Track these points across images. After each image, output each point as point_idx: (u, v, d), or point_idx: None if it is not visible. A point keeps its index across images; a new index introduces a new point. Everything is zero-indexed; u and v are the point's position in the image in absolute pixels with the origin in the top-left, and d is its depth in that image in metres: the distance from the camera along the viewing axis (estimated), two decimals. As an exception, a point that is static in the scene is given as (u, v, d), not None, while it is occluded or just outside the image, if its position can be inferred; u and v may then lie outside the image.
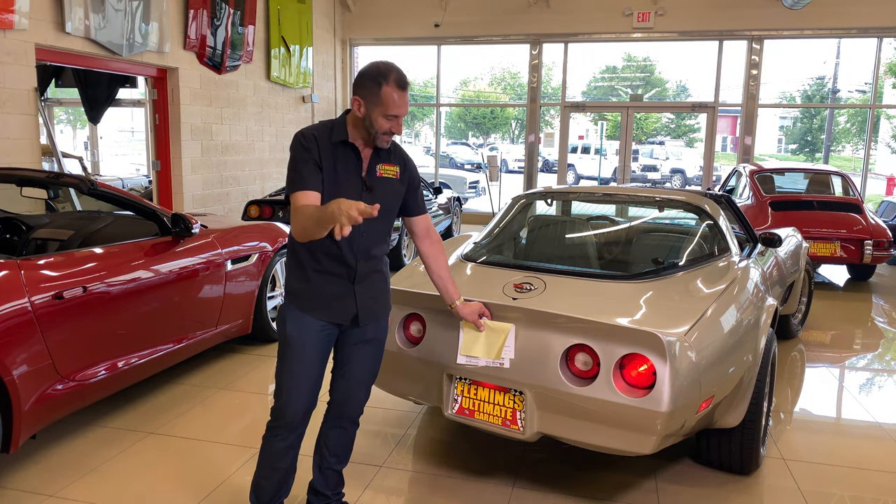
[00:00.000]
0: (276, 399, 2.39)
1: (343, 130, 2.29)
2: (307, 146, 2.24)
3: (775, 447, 3.39)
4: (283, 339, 2.35)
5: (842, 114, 22.26)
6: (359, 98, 2.23)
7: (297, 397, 2.36)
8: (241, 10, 8.84)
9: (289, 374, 2.34)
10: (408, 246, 7.78)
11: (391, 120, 2.24)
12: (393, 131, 2.28)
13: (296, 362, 2.34)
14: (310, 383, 2.37)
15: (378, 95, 2.20)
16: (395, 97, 2.20)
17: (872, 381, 4.50)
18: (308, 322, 2.32)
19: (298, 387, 2.35)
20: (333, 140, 2.27)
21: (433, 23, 11.97)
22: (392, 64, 2.26)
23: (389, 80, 2.19)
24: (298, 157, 2.25)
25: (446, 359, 2.78)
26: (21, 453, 3.14)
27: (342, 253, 2.31)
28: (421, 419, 3.62)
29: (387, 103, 2.20)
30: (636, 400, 2.41)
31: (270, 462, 2.44)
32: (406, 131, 28.25)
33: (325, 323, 2.34)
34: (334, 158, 2.27)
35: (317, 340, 2.34)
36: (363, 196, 2.31)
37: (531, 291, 2.95)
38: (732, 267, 3.25)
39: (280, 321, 2.38)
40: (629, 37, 11.63)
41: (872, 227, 6.90)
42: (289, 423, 2.38)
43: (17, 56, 5.80)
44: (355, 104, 2.24)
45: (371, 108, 2.22)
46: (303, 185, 2.20)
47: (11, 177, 3.66)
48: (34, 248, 3.97)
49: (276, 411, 2.39)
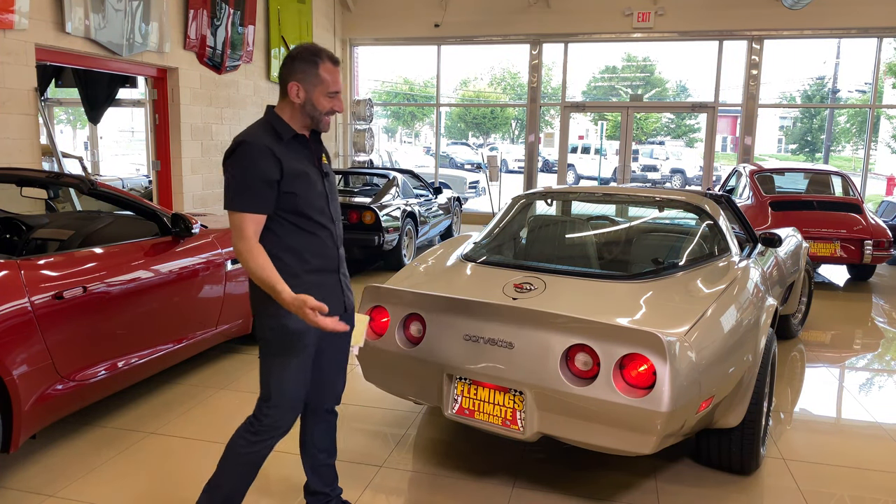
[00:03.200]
0: (274, 407, 2.28)
1: (286, 126, 2.24)
2: (261, 160, 2.15)
3: (775, 447, 3.39)
4: (285, 347, 2.25)
5: (842, 114, 22.26)
6: (296, 83, 2.20)
7: (298, 403, 2.33)
8: (241, 10, 8.84)
9: (292, 382, 2.27)
10: (407, 246, 7.78)
11: (333, 98, 2.23)
12: (335, 109, 2.27)
13: (295, 375, 2.28)
14: (307, 387, 2.35)
15: (317, 75, 2.19)
16: (335, 74, 2.22)
17: (872, 381, 4.50)
18: (308, 328, 2.25)
19: (300, 393, 2.32)
20: (285, 139, 2.22)
21: (433, 23, 11.97)
22: (315, 44, 2.26)
23: (324, 58, 2.20)
24: (252, 171, 2.14)
25: (446, 359, 2.78)
26: (21, 453, 3.14)
27: (328, 246, 2.31)
28: (421, 419, 3.62)
29: (329, 80, 2.20)
30: (636, 400, 2.41)
31: (251, 469, 2.33)
32: (406, 131, 28.28)
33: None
34: (293, 157, 2.22)
35: (313, 342, 2.31)
36: (325, 183, 2.32)
37: (531, 291, 2.95)
38: (732, 267, 3.25)
39: (278, 330, 2.24)
40: (629, 37, 11.63)
41: (872, 227, 6.90)
42: (287, 429, 2.33)
43: (17, 56, 5.80)
44: (293, 90, 2.20)
45: (311, 90, 2.20)
46: (253, 207, 2.14)
47: (11, 177, 3.66)
48: (34, 248, 3.96)
49: (273, 418, 2.28)
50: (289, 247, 2.23)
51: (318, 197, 2.29)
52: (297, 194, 2.21)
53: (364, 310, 3.08)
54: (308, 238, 2.26)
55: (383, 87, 19.99)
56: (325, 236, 2.30)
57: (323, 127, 2.29)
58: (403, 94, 23.24)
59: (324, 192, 2.32)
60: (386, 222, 7.10)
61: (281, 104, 2.27)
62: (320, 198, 2.29)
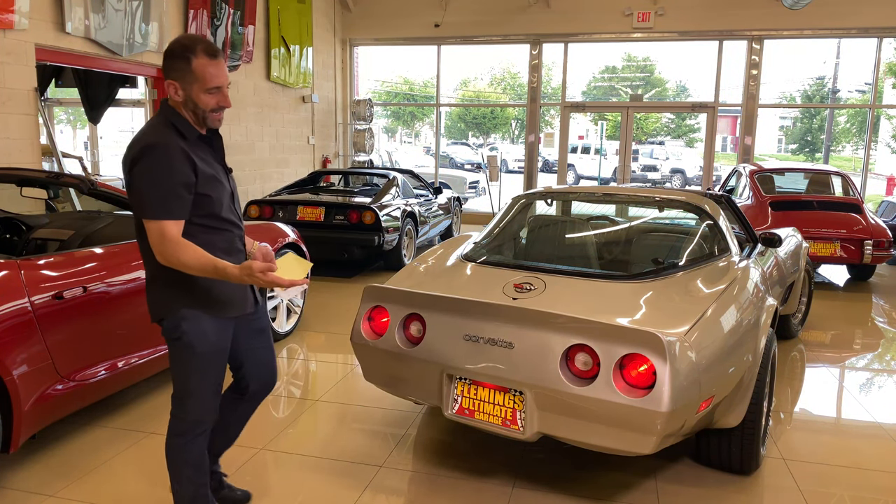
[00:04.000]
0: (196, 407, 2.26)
1: (189, 126, 2.14)
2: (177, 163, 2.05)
3: (775, 447, 3.39)
4: (196, 354, 2.21)
5: (842, 114, 22.27)
6: (173, 82, 2.09)
7: (217, 397, 2.32)
8: (241, 10, 8.84)
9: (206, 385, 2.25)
10: (407, 246, 7.78)
11: (214, 93, 2.11)
12: (221, 105, 2.14)
13: (213, 373, 2.26)
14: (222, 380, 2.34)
15: (192, 72, 2.07)
16: (211, 68, 2.07)
17: (872, 381, 4.50)
18: (220, 327, 2.24)
19: (217, 390, 2.31)
20: (191, 138, 2.14)
21: (433, 23, 11.97)
22: (195, 35, 2.14)
23: (197, 52, 2.06)
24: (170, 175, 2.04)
25: (446, 359, 2.78)
26: (21, 453, 3.14)
27: (237, 244, 2.30)
28: (421, 419, 3.62)
29: (206, 75, 2.07)
30: (636, 400, 2.41)
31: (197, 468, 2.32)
32: (406, 131, 28.28)
33: (232, 320, 2.31)
34: (203, 157, 2.16)
35: (227, 340, 2.30)
36: (229, 181, 2.29)
37: (531, 291, 2.95)
38: (732, 267, 3.25)
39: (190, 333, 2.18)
40: (629, 37, 11.63)
41: (872, 227, 6.90)
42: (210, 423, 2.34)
43: (17, 56, 5.80)
44: (171, 89, 2.09)
45: (189, 88, 2.09)
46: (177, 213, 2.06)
47: (11, 177, 3.66)
48: (34, 248, 3.96)
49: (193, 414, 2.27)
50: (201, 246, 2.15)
51: (227, 197, 2.24)
52: (211, 196, 2.15)
53: (364, 310, 3.08)
54: (217, 236, 2.22)
55: (383, 87, 20.00)
56: (235, 234, 2.29)
57: (211, 124, 2.18)
58: (403, 94, 23.26)
59: (230, 190, 2.28)
60: (386, 222, 7.10)
61: (171, 101, 2.16)
62: (228, 197, 2.25)
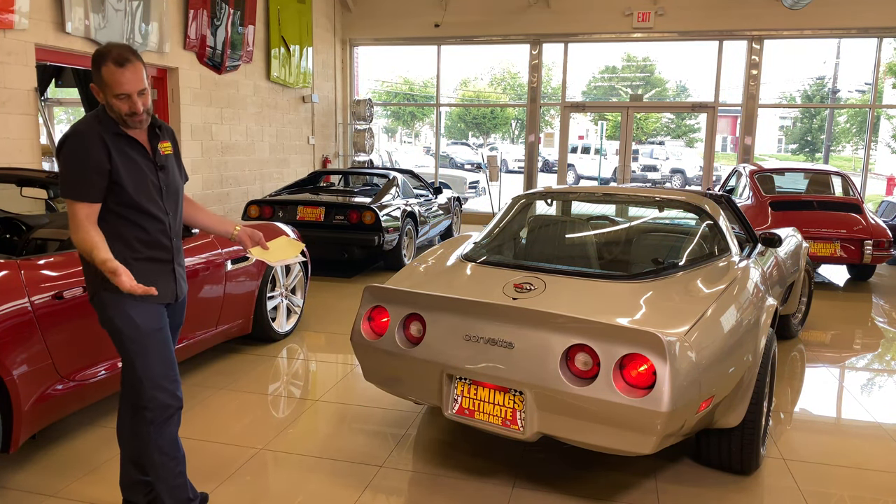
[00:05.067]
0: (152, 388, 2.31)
1: (110, 122, 2.27)
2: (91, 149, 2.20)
3: (775, 447, 3.39)
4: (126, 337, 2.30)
5: (842, 114, 22.28)
6: (94, 86, 2.23)
7: (174, 374, 2.38)
8: (241, 10, 8.84)
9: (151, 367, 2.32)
10: (407, 246, 7.78)
11: (123, 99, 2.20)
12: (133, 111, 2.23)
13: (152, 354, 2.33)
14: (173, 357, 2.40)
15: (102, 79, 2.19)
16: (117, 76, 2.16)
17: (872, 381, 4.50)
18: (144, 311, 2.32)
19: (173, 365, 2.37)
20: (112, 132, 2.26)
21: (433, 23, 11.96)
22: (115, 43, 2.24)
23: (107, 61, 2.17)
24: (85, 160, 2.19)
25: (446, 359, 2.78)
26: (21, 453, 3.14)
27: (159, 237, 2.38)
28: (421, 419, 3.62)
29: (113, 82, 2.17)
30: (636, 400, 2.41)
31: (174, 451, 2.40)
32: (406, 131, 28.28)
33: (156, 306, 2.37)
34: (122, 150, 2.27)
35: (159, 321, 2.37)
36: (159, 176, 2.36)
37: (531, 291, 2.95)
38: (732, 267, 3.25)
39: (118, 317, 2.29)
40: (629, 37, 11.63)
41: (872, 227, 6.90)
42: (179, 403, 2.40)
43: (17, 56, 5.80)
44: (95, 91, 2.24)
45: (106, 94, 2.21)
46: (88, 196, 2.21)
47: (11, 177, 3.66)
48: (34, 248, 3.96)
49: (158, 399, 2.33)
50: (119, 235, 2.29)
51: (150, 189, 2.33)
52: (123, 186, 2.25)
53: (364, 310, 3.08)
54: (137, 229, 2.32)
55: (383, 87, 20.00)
56: (157, 228, 2.37)
57: (133, 125, 2.27)
58: (403, 94, 23.26)
59: (157, 184, 2.36)
60: (386, 222, 7.10)
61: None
62: (153, 190, 2.34)
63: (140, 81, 2.22)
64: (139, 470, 2.54)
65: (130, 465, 2.54)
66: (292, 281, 5.09)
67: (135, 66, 2.20)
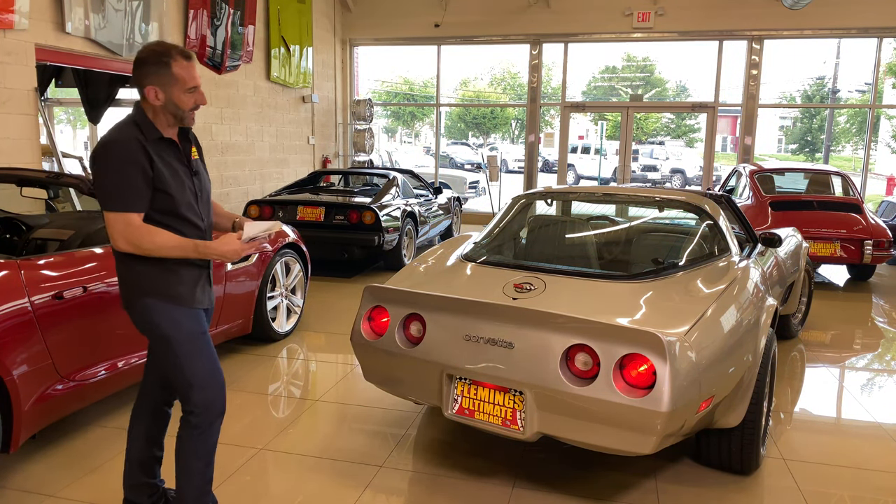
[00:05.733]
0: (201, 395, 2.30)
1: (153, 127, 2.25)
2: (136, 157, 2.17)
3: (775, 447, 3.39)
4: (175, 342, 2.28)
5: (842, 114, 22.27)
6: (153, 87, 2.21)
7: (221, 378, 2.37)
8: (241, 10, 8.84)
9: (200, 371, 2.31)
10: (407, 246, 7.78)
11: (193, 92, 2.25)
12: (200, 102, 2.29)
13: (201, 359, 2.32)
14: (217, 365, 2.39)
15: (172, 74, 2.20)
16: (189, 70, 2.23)
17: (872, 381, 4.50)
18: (190, 316, 2.32)
19: (215, 375, 2.35)
20: (152, 138, 2.24)
21: (433, 23, 11.96)
22: (165, 41, 2.29)
23: (175, 57, 2.20)
24: (129, 169, 2.16)
25: (446, 359, 2.77)
26: (21, 453, 3.14)
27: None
28: (421, 419, 3.62)
29: (184, 76, 2.22)
30: (636, 400, 2.41)
31: (209, 459, 2.37)
32: (406, 131, 28.29)
33: (199, 311, 2.38)
34: (162, 156, 2.26)
35: (202, 324, 2.37)
36: (194, 182, 2.37)
37: (531, 291, 2.95)
38: (732, 267, 3.25)
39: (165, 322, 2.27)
40: (629, 37, 11.63)
41: (872, 227, 6.90)
42: (223, 407, 2.38)
43: (17, 56, 5.80)
44: (151, 94, 2.21)
45: (170, 91, 2.21)
46: (136, 206, 2.18)
47: (11, 177, 3.66)
48: (34, 248, 3.96)
49: (205, 404, 2.31)
50: None
51: (188, 196, 2.33)
52: (167, 193, 2.25)
53: (364, 310, 3.08)
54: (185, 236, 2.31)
55: (383, 87, 20.00)
56: (195, 234, 2.36)
57: (189, 122, 2.32)
58: (403, 94, 23.26)
59: (193, 190, 2.36)
60: (386, 222, 7.10)
61: (143, 103, 2.27)
62: (190, 196, 2.34)
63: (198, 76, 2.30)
64: (145, 472, 2.54)
65: (137, 467, 2.53)
66: (292, 281, 5.09)
67: (194, 61, 2.28)
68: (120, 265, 2.32)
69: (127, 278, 2.31)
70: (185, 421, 2.34)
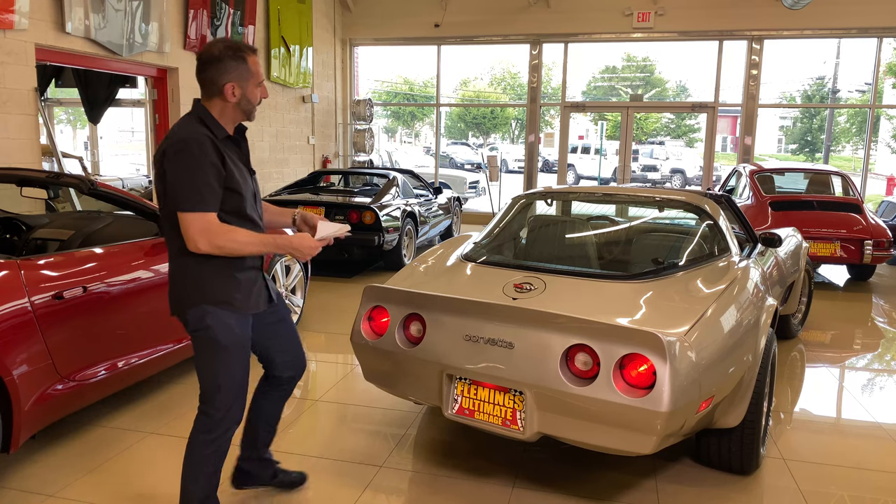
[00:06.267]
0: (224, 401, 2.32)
1: (220, 126, 2.26)
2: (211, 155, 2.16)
3: (775, 447, 3.39)
4: (221, 347, 2.28)
5: (842, 114, 22.27)
6: (232, 83, 2.23)
7: (244, 390, 2.39)
8: (241, 10, 8.84)
9: (234, 378, 2.32)
10: (407, 246, 7.78)
11: (261, 86, 2.33)
12: (264, 96, 2.36)
13: (238, 366, 2.34)
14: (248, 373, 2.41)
15: (249, 69, 2.26)
16: (259, 66, 2.31)
17: (872, 381, 4.50)
18: (241, 322, 2.32)
19: (244, 385, 2.38)
20: (221, 137, 2.25)
21: (433, 23, 11.96)
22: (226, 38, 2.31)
23: (248, 51, 2.27)
24: (206, 167, 2.14)
25: (446, 359, 2.78)
26: (21, 453, 3.14)
27: None
28: (421, 419, 3.62)
29: (258, 71, 2.29)
30: (636, 400, 2.41)
31: (216, 468, 2.37)
32: (406, 131, 28.29)
33: (250, 316, 2.38)
34: (230, 155, 2.27)
35: (248, 334, 2.39)
36: (252, 181, 2.39)
37: (531, 291, 2.95)
38: (732, 267, 3.25)
39: (218, 326, 2.26)
40: (629, 37, 11.63)
41: (872, 227, 6.90)
42: (240, 418, 2.40)
43: (17, 56, 5.80)
44: (230, 90, 2.23)
45: (246, 86, 2.26)
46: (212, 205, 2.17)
47: (11, 177, 3.66)
48: (34, 248, 3.96)
49: (223, 410, 2.32)
50: None
51: (250, 195, 2.35)
52: (237, 192, 2.26)
53: (364, 310, 3.08)
54: None
55: (383, 87, 20.00)
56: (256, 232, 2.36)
57: (254, 117, 2.37)
58: (403, 94, 23.26)
59: (252, 189, 2.39)
60: (386, 222, 7.10)
61: (209, 103, 2.27)
62: (250, 195, 2.36)
63: None
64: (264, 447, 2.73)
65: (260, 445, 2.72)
66: (292, 281, 5.09)
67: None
68: (176, 269, 2.29)
69: (183, 282, 2.27)
70: (200, 422, 2.34)
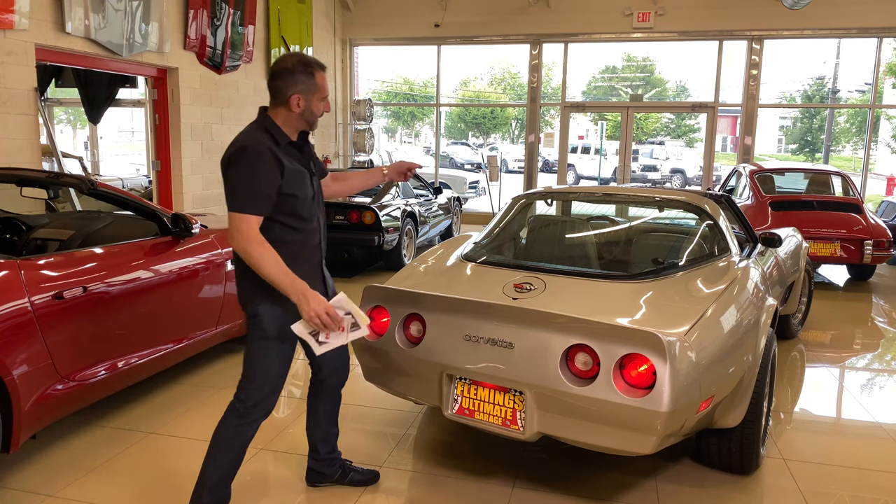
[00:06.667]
0: (256, 392, 2.43)
1: (282, 133, 2.41)
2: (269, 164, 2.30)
3: (775, 447, 3.39)
4: (266, 336, 2.42)
5: (842, 114, 22.27)
6: (298, 94, 2.37)
7: (279, 385, 2.49)
8: (241, 10, 8.84)
9: (269, 370, 2.44)
10: (407, 246, 7.78)
11: (325, 100, 2.47)
12: (325, 111, 2.50)
13: (277, 359, 2.45)
14: (287, 370, 2.52)
15: (316, 84, 2.40)
16: (326, 81, 2.45)
17: (872, 381, 4.50)
18: (290, 319, 2.39)
19: (282, 375, 2.48)
20: (282, 145, 2.39)
21: (433, 23, 11.96)
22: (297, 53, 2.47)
23: (317, 68, 2.41)
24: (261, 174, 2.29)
25: (446, 359, 2.78)
26: (21, 453, 3.14)
27: (314, 242, 2.52)
28: (421, 419, 3.62)
29: (324, 86, 2.43)
30: (636, 400, 2.41)
31: (238, 453, 2.48)
32: (406, 131, 28.29)
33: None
34: (291, 160, 2.41)
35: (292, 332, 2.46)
36: (314, 183, 2.54)
37: (531, 291, 2.95)
38: (732, 267, 3.25)
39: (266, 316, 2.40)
40: (629, 37, 11.63)
41: (872, 227, 6.90)
42: (269, 410, 2.49)
43: (17, 56, 5.80)
44: (295, 101, 2.37)
45: (311, 99, 2.40)
46: (260, 209, 2.31)
47: (11, 177, 3.66)
48: (34, 248, 3.96)
49: (256, 399, 2.43)
50: (283, 243, 2.38)
51: (309, 197, 2.48)
52: (295, 196, 2.40)
53: (364, 310, 3.08)
54: (299, 235, 2.46)
55: (383, 87, 19.99)
56: (313, 232, 2.52)
57: (315, 127, 2.51)
58: (403, 94, 23.25)
59: (314, 191, 2.52)
60: (386, 222, 7.10)
61: (274, 111, 2.42)
62: (311, 197, 2.49)
63: None
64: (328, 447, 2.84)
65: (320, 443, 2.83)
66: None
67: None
68: (237, 265, 2.47)
69: (243, 277, 2.45)
70: (232, 407, 2.45)
